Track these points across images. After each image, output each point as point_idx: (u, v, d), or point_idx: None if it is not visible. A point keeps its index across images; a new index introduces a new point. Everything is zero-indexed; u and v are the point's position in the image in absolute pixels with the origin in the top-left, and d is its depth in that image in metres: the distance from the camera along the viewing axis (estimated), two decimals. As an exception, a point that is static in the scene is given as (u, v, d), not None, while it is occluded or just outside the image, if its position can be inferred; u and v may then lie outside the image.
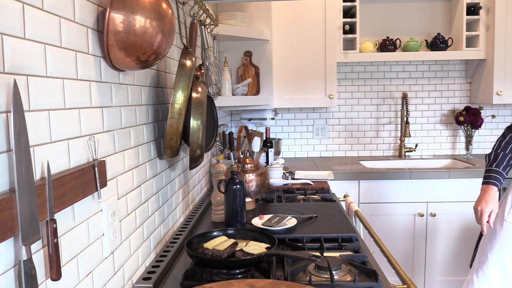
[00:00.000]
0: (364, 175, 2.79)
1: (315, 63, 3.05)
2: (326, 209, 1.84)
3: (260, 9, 2.87)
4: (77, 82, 0.87)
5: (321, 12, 3.02)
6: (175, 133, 1.30)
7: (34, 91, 0.72)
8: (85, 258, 0.89)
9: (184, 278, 1.13)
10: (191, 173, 1.90)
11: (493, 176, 1.63)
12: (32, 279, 0.66)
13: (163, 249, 1.38)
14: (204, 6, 1.73)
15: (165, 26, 1.00)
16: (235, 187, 1.55)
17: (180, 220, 1.68)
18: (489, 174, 1.64)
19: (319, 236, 1.47)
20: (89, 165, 0.88)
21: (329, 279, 1.14)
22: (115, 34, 0.92)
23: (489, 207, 1.60)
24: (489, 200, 1.60)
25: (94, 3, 0.95)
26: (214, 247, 1.22)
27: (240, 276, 1.15)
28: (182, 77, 1.28)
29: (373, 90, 3.43)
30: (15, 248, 0.67)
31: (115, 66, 1.01)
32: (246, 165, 1.91)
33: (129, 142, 1.15)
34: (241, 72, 2.92)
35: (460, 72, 3.40)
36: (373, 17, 3.32)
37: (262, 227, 1.56)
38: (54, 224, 0.72)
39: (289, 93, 3.08)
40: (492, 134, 3.46)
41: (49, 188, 0.72)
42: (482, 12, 3.06)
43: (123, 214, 1.10)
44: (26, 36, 0.70)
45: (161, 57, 1.06)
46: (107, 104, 1.01)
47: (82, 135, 0.88)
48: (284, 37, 3.03)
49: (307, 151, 3.53)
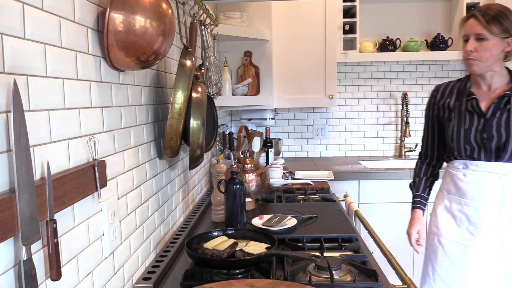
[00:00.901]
0: (364, 175, 2.79)
1: (315, 63, 3.05)
2: (326, 209, 1.84)
3: (260, 9, 2.87)
4: (77, 82, 0.87)
5: (321, 12, 3.02)
6: (175, 133, 1.30)
7: (34, 91, 0.72)
8: (85, 258, 0.89)
9: (184, 278, 1.13)
10: (191, 173, 1.90)
11: (416, 200, 1.76)
12: (32, 279, 0.66)
13: (163, 249, 1.38)
14: (204, 6, 1.73)
15: (165, 26, 1.00)
16: (235, 187, 1.55)
17: (180, 220, 1.68)
18: (414, 200, 1.78)
19: (319, 236, 1.47)
20: (89, 165, 0.88)
21: (329, 279, 1.14)
22: (115, 34, 0.92)
23: (414, 229, 1.72)
24: (414, 223, 1.73)
25: (94, 3, 0.95)
26: (214, 247, 1.22)
27: (240, 276, 1.15)
28: (182, 77, 1.28)
29: (373, 90, 3.43)
30: (15, 248, 0.67)
31: (115, 66, 1.01)
32: (246, 165, 1.91)
33: (129, 142, 1.15)
34: (241, 72, 2.92)
35: (460, 72, 3.40)
36: (373, 17, 3.32)
37: (262, 227, 1.56)
38: (54, 224, 0.72)
39: (289, 93, 3.08)
40: (492, 134, 3.46)
41: (49, 188, 0.72)
42: (482, 12, 3.05)
43: (123, 214, 1.10)
44: (26, 36, 0.70)
45: (161, 57, 1.06)
46: (107, 104, 1.01)
47: (82, 135, 0.88)
48: (284, 37, 3.03)
49: (307, 151, 3.53)
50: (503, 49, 1.52)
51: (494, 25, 1.49)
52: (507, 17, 1.50)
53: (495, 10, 1.51)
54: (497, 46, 1.51)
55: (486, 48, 1.51)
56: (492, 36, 1.50)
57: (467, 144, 1.58)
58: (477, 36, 1.52)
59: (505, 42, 1.52)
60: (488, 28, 1.49)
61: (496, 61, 1.54)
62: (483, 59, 1.52)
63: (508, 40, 1.51)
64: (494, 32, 1.49)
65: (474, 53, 1.54)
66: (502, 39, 1.50)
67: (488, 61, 1.52)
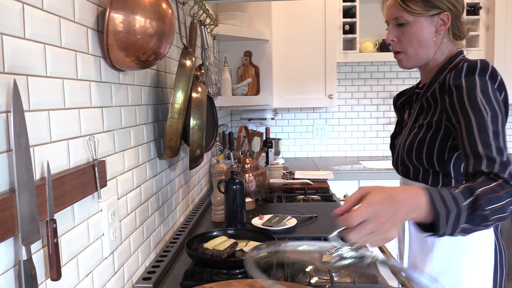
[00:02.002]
0: (364, 175, 2.79)
1: (315, 63, 3.05)
2: (326, 209, 1.84)
3: (260, 9, 2.87)
4: (77, 82, 0.87)
5: (321, 12, 3.02)
6: (175, 133, 1.30)
7: (34, 91, 0.72)
8: (85, 258, 0.89)
9: (184, 278, 1.13)
10: (191, 173, 1.90)
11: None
12: (32, 279, 0.66)
13: (163, 249, 1.38)
14: (204, 6, 1.73)
15: (165, 26, 1.00)
16: (235, 187, 1.55)
17: (180, 220, 1.68)
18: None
19: (319, 236, 1.47)
20: (89, 165, 0.88)
21: (329, 280, 1.14)
22: (115, 34, 0.92)
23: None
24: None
25: (94, 3, 0.95)
26: (214, 247, 1.22)
27: (240, 276, 1.15)
28: (182, 77, 1.28)
29: (373, 90, 3.43)
30: (15, 248, 0.67)
31: (115, 66, 1.01)
32: (246, 165, 1.91)
33: (129, 142, 1.15)
34: (241, 72, 2.92)
35: (460, 72, 3.40)
36: (373, 17, 3.31)
37: (262, 227, 1.56)
38: (54, 224, 0.72)
39: (289, 93, 3.08)
40: (492, 134, 3.46)
41: (49, 188, 0.72)
42: (482, 12, 3.06)
43: (123, 214, 1.10)
44: (26, 36, 0.70)
45: (161, 57, 1.06)
46: (107, 104, 1.01)
47: (82, 135, 0.88)
48: (284, 37, 3.03)
49: (307, 151, 3.53)
50: (437, 29, 1.19)
51: (413, 2, 1.17)
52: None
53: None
54: (426, 28, 1.18)
55: (410, 35, 1.19)
56: (413, 17, 1.17)
57: (391, 149, 1.46)
58: (396, 20, 1.21)
59: (436, 20, 1.18)
60: (406, 8, 1.17)
61: (431, 47, 1.21)
62: (410, 49, 1.21)
63: (440, 16, 1.18)
64: (416, 12, 1.16)
65: (397, 43, 1.24)
66: (429, 17, 1.17)
67: (419, 50, 1.21)
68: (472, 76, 1.08)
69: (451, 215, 0.84)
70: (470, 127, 1.03)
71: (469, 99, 1.06)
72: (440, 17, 1.18)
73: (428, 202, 0.84)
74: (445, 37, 1.22)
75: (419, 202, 0.84)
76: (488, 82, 1.08)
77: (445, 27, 1.19)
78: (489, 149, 0.98)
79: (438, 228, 0.85)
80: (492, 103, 1.05)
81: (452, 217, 0.85)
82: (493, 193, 0.91)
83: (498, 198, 0.90)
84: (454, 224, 0.86)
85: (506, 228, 2.88)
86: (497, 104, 1.06)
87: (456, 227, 0.86)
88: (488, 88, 1.06)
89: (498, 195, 0.91)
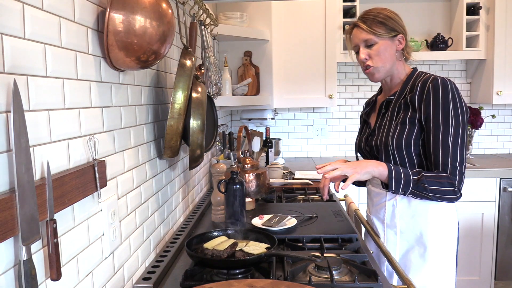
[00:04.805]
0: (364, 175, 2.79)
1: (315, 63, 3.05)
2: (326, 209, 1.84)
3: (260, 9, 2.87)
4: (77, 82, 0.87)
5: (321, 12, 3.02)
6: (175, 133, 1.30)
7: (34, 91, 0.72)
8: (85, 258, 0.89)
9: (184, 278, 1.13)
10: (191, 173, 1.90)
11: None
12: (32, 279, 0.66)
13: (163, 249, 1.38)
14: (204, 6, 1.73)
15: (165, 26, 1.00)
16: (235, 187, 1.55)
17: (180, 220, 1.68)
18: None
19: (319, 236, 1.47)
20: (89, 165, 0.88)
21: (329, 279, 1.14)
22: (115, 34, 0.92)
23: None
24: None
25: (94, 3, 0.95)
26: (214, 247, 1.22)
27: (240, 276, 1.15)
28: (182, 77, 1.28)
29: (373, 90, 3.43)
30: (15, 248, 0.67)
31: (115, 66, 1.01)
32: (246, 165, 1.91)
33: (129, 142, 1.15)
34: (241, 72, 2.92)
35: (460, 72, 3.40)
36: (373, 17, 3.31)
37: (262, 227, 1.56)
38: (54, 224, 0.72)
39: (289, 93, 3.08)
40: (492, 134, 3.46)
41: (49, 188, 0.72)
42: (482, 12, 3.06)
43: (123, 214, 1.10)
44: (26, 36, 0.70)
45: (161, 57, 1.06)
46: (107, 104, 1.01)
47: (82, 135, 0.88)
48: (284, 37, 3.03)
49: (307, 151, 3.53)
50: (396, 48, 1.50)
51: (377, 27, 1.46)
52: (388, 16, 1.48)
53: (373, 13, 1.49)
54: (389, 47, 1.48)
55: (378, 52, 1.48)
56: (379, 38, 1.47)
57: (359, 152, 1.69)
58: (365, 43, 1.49)
59: (395, 40, 1.49)
60: (373, 32, 1.46)
61: (393, 63, 1.51)
62: (380, 64, 1.49)
63: (397, 38, 1.48)
64: (380, 34, 1.46)
65: (369, 60, 1.50)
66: (390, 38, 1.48)
67: (386, 64, 1.49)
68: (446, 91, 1.38)
69: (400, 180, 1.36)
70: (437, 137, 1.38)
71: (443, 112, 1.38)
72: (397, 38, 1.49)
73: (386, 169, 1.38)
74: (402, 55, 1.54)
75: (380, 169, 1.39)
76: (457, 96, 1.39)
77: (402, 46, 1.51)
78: (447, 157, 1.37)
79: (391, 187, 1.37)
80: (459, 116, 1.37)
81: (400, 182, 1.36)
82: (436, 178, 1.36)
83: (440, 183, 1.35)
84: (403, 188, 1.37)
85: (506, 228, 2.88)
86: (462, 117, 1.38)
87: (406, 190, 1.37)
88: (457, 102, 1.39)
89: (440, 181, 1.35)
